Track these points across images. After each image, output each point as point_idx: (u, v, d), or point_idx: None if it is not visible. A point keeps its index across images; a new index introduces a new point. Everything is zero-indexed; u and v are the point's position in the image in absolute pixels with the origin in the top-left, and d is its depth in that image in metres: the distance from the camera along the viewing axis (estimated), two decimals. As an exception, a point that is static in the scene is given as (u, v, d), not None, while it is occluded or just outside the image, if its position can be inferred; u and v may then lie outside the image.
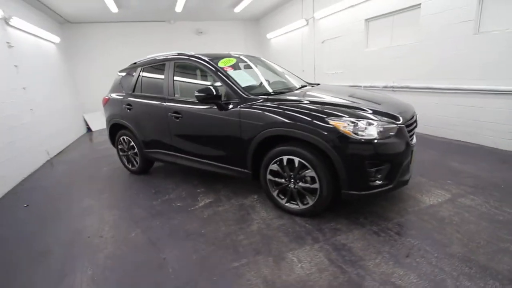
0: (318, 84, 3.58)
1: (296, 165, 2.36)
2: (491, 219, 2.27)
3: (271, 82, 3.33)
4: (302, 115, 2.30)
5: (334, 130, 2.14)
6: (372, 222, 2.37)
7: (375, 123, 2.16)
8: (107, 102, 4.15)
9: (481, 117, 4.00)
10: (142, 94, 3.61)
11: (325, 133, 2.16)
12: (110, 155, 5.12)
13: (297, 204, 2.51)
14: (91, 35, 8.46)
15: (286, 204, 2.57)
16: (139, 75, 3.72)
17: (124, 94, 3.86)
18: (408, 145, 2.27)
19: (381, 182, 2.19)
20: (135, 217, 2.82)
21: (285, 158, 2.41)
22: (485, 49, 3.81)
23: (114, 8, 6.85)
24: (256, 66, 3.43)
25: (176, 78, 3.28)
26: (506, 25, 3.59)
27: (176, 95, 3.24)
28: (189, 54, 3.23)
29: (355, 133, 2.10)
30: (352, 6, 5.83)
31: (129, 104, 3.70)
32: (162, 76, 3.39)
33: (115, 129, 4.09)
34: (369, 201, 2.68)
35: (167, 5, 7.26)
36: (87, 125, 8.55)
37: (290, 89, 3.11)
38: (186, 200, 3.12)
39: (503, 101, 3.71)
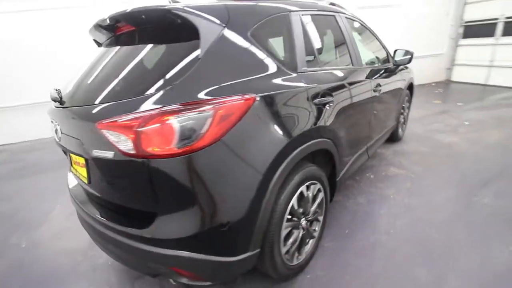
0: None
1: None
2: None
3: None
4: None
5: None
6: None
7: None
8: (246, 110, 1.12)
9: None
10: (335, 68, 1.96)
11: None
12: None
13: None
14: None
15: None
16: (303, 30, 1.64)
17: (292, 74, 1.45)
18: None
19: None
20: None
21: None
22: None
23: None
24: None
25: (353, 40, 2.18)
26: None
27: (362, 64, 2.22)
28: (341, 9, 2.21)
29: None
30: None
31: (325, 95, 1.59)
32: (330, 35, 2.12)
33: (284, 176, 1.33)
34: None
35: None
36: None
37: None
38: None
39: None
